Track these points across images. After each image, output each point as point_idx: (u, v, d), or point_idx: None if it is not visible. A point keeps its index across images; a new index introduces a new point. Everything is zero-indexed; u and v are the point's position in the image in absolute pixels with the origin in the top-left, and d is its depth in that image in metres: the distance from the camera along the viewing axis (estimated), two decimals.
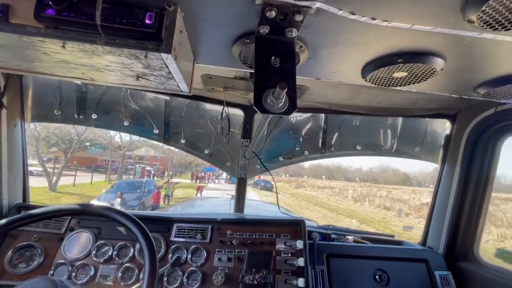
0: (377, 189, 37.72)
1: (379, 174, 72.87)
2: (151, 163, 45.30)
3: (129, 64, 0.85)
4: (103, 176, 27.72)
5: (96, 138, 28.00)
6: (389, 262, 1.54)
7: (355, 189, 37.16)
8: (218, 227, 1.53)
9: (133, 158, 46.30)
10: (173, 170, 42.25)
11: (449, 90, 1.25)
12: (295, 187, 43.03)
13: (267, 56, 0.82)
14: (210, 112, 1.97)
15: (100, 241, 1.46)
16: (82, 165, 28.94)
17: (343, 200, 29.51)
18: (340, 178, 70.80)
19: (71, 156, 22.69)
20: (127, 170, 34.25)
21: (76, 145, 22.44)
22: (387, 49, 0.93)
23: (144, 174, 32.40)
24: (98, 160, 34.85)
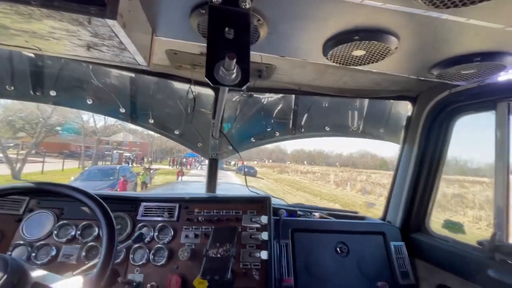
0: (357, 174, 38.68)
1: (359, 159, 75.73)
2: (130, 149, 43.81)
3: (75, 31, 0.80)
4: (77, 162, 26.18)
5: (68, 122, 26.22)
6: (350, 235, 1.64)
7: (336, 174, 37.88)
8: (186, 206, 1.54)
9: (110, 144, 44.51)
10: (153, 156, 41.16)
11: (407, 71, 1.31)
12: (279, 172, 43.58)
13: (221, 27, 0.81)
14: (180, 91, 1.92)
15: (62, 221, 1.42)
16: (54, 151, 27.13)
17: (325, 184, 29.93)
18: (321, 163, 72.86)
19: (37, 141, 21.14)
20: (104, 156, 32.66)
21: (43, 129, 20.80)
22: (344, 25, 0.95)
23: (121, 160, 31.02)
24: (71, 146, 32.83)
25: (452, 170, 5.08)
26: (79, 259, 1.35)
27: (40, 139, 22.21)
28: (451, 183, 11.59)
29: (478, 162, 10.46)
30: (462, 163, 11.93)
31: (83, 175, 13.01)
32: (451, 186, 11.49)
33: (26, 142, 29.82)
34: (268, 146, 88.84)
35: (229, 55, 0.68)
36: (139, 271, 1.36)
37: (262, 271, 1.33)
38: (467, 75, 1.23)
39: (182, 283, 1.29)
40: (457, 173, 12.10)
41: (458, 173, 12.22)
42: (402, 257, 1.62)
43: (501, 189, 1.30)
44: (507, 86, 1.26)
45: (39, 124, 21.15)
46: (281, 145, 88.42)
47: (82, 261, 1.34)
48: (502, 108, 1.32)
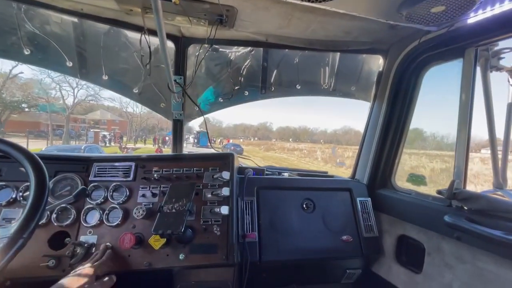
0: (343, 150, 38.23)
1: (343, 136, 77.46)
2: (109, 128, 41.92)
3: None
4: (46, 142, 23.74)
5: (35, 99, 24.14)
6: (317, 192, 1.62)
7: (322, 151, 37.51)
8: (143, 165, 1.43)
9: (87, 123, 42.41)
10: (134, 135, 39.73)
11: (374, 11, 1.21)
12: (265, 150, 42.81)
13: None
14: (136, 43, 1.72)
15: (0, 183, 1.28)
16: (22, 131, 25.26)
17: (313, 161, 29.50)
18: (306, 140, 73.95)
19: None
20: (80, 135, 30.81)
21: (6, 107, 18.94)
22: None
23: (98, 140, 28.81)
24: (41, 125, 30.49)
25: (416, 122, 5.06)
26: None
27: (4, 117, 20.50)
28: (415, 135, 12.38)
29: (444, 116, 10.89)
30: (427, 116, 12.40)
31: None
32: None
33: None
34: (254, 124, 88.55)
35: None
36: (92, 232, 1.27)
37: (223, 226, 1.28)
38: (437, 16, 1.16)
39: (139, 241, 1.22)
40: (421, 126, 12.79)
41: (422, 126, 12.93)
42: (367, 212, 1.64)
43: (462, 138, 1.29)
44: (476, 29, 1.20)
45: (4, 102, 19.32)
46: (267, 122, 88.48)
47: None
48: (469, 55, 1.27)
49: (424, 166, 6.68)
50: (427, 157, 6.85)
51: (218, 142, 42.19)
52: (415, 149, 4.27)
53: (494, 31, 1.16)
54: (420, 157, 6.55)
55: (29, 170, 0.82)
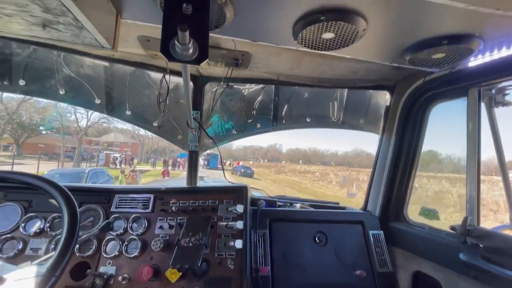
0: (357, 173, 36.01)
1: (354, 158, 75.82)
2: (121, 150, 42.87)
3: (24, 5, 0.77)
4: (57, 164, 24.05)
5: (48, 121, 24.92)
6: (329, 224, 1.63)
7: (335, 173, 35.37)
8: (161, 197, 1.51)
9: (101, 145, 43.69)
10: (144, 157, 40.14)
11: (380, 57, 1.31)
12: (276, 172, 41.63)
13: (178, 2, 0.78)
14: (157, 81, 1.88)
15: (30, 214, 1.37)
16: (37, 152, 25.90)
17: (328, 185, 27.64)
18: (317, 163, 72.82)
19: (19, 143, 19.90)
20: (92, 157, 31.03)
21: (23, 129, 19.44)
22: (310, 5, 0.93)
23: (109, 161, 29.02)
24: (56, 147, 31.17)
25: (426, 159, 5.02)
26: (47, 252, 1.30)
27: (22, 140, 21.18)
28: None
29: (452, 150, 10.53)
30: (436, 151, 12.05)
31: None
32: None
33: (9, 143, 28.75)
34: (263, 146, 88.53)
35: (181, 26, 0.65)
36: (111, 263, 1.32)
37: (237, 260, 1.31)
38: (438, 61, 1.24)
39: (155, 273, 1.26)
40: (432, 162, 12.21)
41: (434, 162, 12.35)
42: (380, 246, 1.62)
43: (472, 175, 1.31)
44: (478, 72, 1.27)
45: (24, 125, 20.03)
46: (277, 144, 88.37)
47: (50, 253, 1.29)
48: (473, 95, 1.33)
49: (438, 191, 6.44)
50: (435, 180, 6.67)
51: (228, 164, 42.01)
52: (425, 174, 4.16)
53: (495, 73, 1.23)
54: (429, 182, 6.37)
55: (63, 208, 0.90)
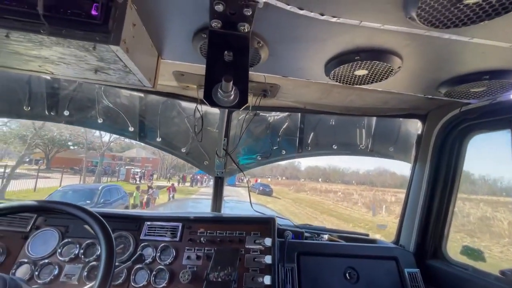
0: (382, 193, 33.33)
1: (377, 177, 72.26)
2: (142, 165, 44.19)
3: (83, 57, 0.84)
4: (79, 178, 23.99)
5: (76, 138, 25.99)
6: (360, 260, 1.55)
7: (360, 194, 32.39)
8: (189, 226, 1.52)
9: (124, 160, 45.44)
10: (163, 173, 40.68)
11: (413, 90, 1.28)
12: (295, 191, 39.72)
13: (220, 50, 0.83)
14: (187, 110, 1.96)
15: (67, 239, 1.43)
16: (65, 167, 27.03)
17: (353, 207, 25.11)
18: (337, 181, 70.37)
19: (49, 156, 20.74)
20: (114, 172, 31.55)
21: (53, 144, 20.18)
22: (344, 46, 0.95)
23: (129, 177, 29.30)
24: (82, 162, 32.28)
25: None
26: (80, 279, 1.34)
27: (51, 154, 22.18)
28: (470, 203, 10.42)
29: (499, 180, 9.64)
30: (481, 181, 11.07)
31: (51, 197, 9.40)
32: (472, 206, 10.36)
33: (40, 158, 30.46)
34: (282, 163, 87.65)
35: (226, 77, 0.68)
36: None
37: None
38: (478, 93, 1.19)
39: None
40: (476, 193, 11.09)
41: (479, 193, 11.24)
42: (417, 285, 1.50)
43: None
44: None
45: (54, 139, 20.96)
46: (295, 161, 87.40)
47: (83, 281, 1.33)
48: None
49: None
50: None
51: (245, 181, 41.31)
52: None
53: None
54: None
55: (102, 241, 0.93)
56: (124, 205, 11.33)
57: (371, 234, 1.94)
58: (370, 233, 1.96)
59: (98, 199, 9.35)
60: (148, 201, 14.20)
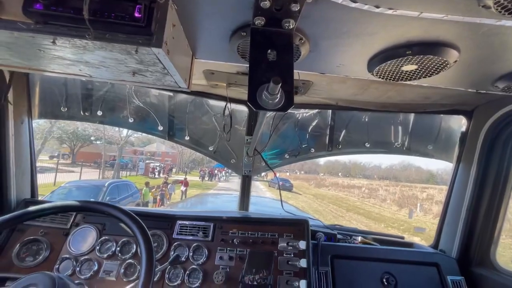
0: (409, 189, 30.38)
1: (401, 172, 68.85)
2: (162, 159, 45.35)
3: (123, 60, 0.83)
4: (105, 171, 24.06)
5: (97, 132, 26.44)
6: (398, 265, 1.47)
7: (386, 189, 29.58)
8: (221, 225, 1.51)
9: (144, 154, 46.99)
10: (182, 167, 40.94)
11: (465, 84, 1.17)
12: (316, 186, 37.74)
13: (263, 49, 0.78)
14: (215, 108, 1.94)
15: (104, 236, 1.47)
16: (88, 161, 28.04)
17: (381, 204, 22.87)
18: (358, 176, 68.27)
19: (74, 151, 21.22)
20: (134, 166, 31.76)
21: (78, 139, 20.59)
22: (394, 40, 0.87)
23: (148, 171, 29.16)
24: (105, 155, 32.75)
25: None
26: (118, 275, 1.37)
27: (77, 149, 22.97)
28: None
29: None
30: None
31: (54, 194, 8.44)
32: None
33: (66, 152, 31.92)
34: None
35: (275, 79, 0.64)
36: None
37: None
38: None
39: None
40: None
41: None
42: None
43: None
44: None
45: (77, 134, 21.53)
46: None
47: (121, 278, 1.36)
48: None
49: None
50: None
51: (263, 175, 41.37)
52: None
53: None
54: None
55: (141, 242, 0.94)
56: (134, 202, 10.38)
57: (406, 237, 1.84)
58: (406, 235, 1.86)
59: (103, 197, 8.53)
60: (162, 197, 13.25)
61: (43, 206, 0.99)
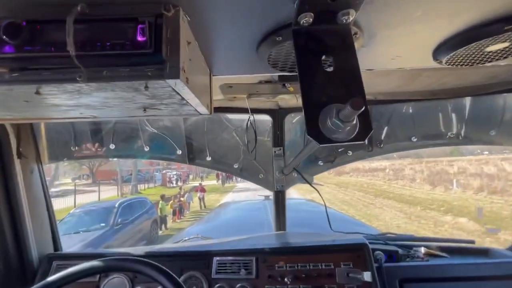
0: (434, 164, 26.82)
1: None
2: (179, 167, 45.75)
3: (130, 97, 0.65)
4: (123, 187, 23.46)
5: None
6: (483, 283, 1.22)
7: (412, 168, 26.76)
8: (264, 259, 1.31)
9: (161, 164, 47.56)
10: (197, 172, 40.36)
11: None
12: (336, 174, 34.55)
13: (315, 57, 0.57)
14: (234, 122, 1.75)
15: (137, 286, 1.32)
16: (108, 178, 28.39)
17: (411, 185, 20.65)
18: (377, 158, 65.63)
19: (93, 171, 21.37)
20: (152, 178, 31.55)
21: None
22: (487, 15, 0.63)
23: (165, 181, 28.71)
24: (123, 171, 32.34)
25: None
26: None
27: (95, 168, 23.37)
28: None
29: None
30: None
31: (62, 223, 7.31)
32: None
33: (85, 173, 32.81)
34: None
35: (354, 101, 0.43)
36: None
37: None
38: None
39: None
40: None
41: None
42: None
43: None
44: None
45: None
46: None
47: None
48: None
49: None
50: None
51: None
52: None
53: None
54: None
55: None
56: (150, 219, 9.41)
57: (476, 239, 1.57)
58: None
59: (114, 220, 7.63)
60: (181, 208, 12.62)
61: (62, 275, 0.84)
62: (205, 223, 3.91)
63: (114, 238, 7.12)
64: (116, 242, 7.00)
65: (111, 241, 6.96)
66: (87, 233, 6.85)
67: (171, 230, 10.47)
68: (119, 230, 7.46)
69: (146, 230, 8.91)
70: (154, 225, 9.64)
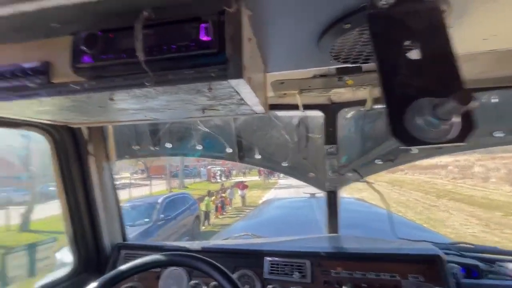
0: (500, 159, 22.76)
1: None
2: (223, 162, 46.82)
3: (190, 99, 0.65)
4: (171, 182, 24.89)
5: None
6: None
7: (482, 165, 22.44)
8: (319, 263, 1.25)
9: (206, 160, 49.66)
10: (240, 168, 40.65)
11: None
12: (388, 171, 29.24)
13: (397, 43, 0.49)
14: (283, 119, 1.70)
15: (194, 280, 1.38)
16: (160, 173, 30.45)
17: (484, 185, 17.94)
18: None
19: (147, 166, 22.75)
20: (198, 173, 32.83)
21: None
22: None
23: (210, 176, 30.02)
24: (174, 167, 31.49)
25: None
26: None
27: (150, 164, 25.41)
28: None
29: None
30: None
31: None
32: None
33: (141, 167, 35.75)
34: None
35: (462, 95, 0.35)
36: None
37: None
38: None
39: None
40: None
41: None
42: None
43: None
44: None
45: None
46: None
47: None
48: None
49: None
50: None
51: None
52: None
53: None
54: None
55: None
56: (193, 215, 9.68)
57: None
58: None
59: (158, 216, 7.80)
60: (223, 204, 12.81)
61: (130, 266, 0.91)
62: (250, 220, 3.93)
63: (156, 233, 7.36)
64: (159, 238, 7.20)
65: (154, 236, 7.17)
66: (132, 228, 7.02)
67: (213, 226, 10.71)
68: (161, 226, 7.71)
69: (188, 226, 9.20)
70: (196, 221, 9.92)
